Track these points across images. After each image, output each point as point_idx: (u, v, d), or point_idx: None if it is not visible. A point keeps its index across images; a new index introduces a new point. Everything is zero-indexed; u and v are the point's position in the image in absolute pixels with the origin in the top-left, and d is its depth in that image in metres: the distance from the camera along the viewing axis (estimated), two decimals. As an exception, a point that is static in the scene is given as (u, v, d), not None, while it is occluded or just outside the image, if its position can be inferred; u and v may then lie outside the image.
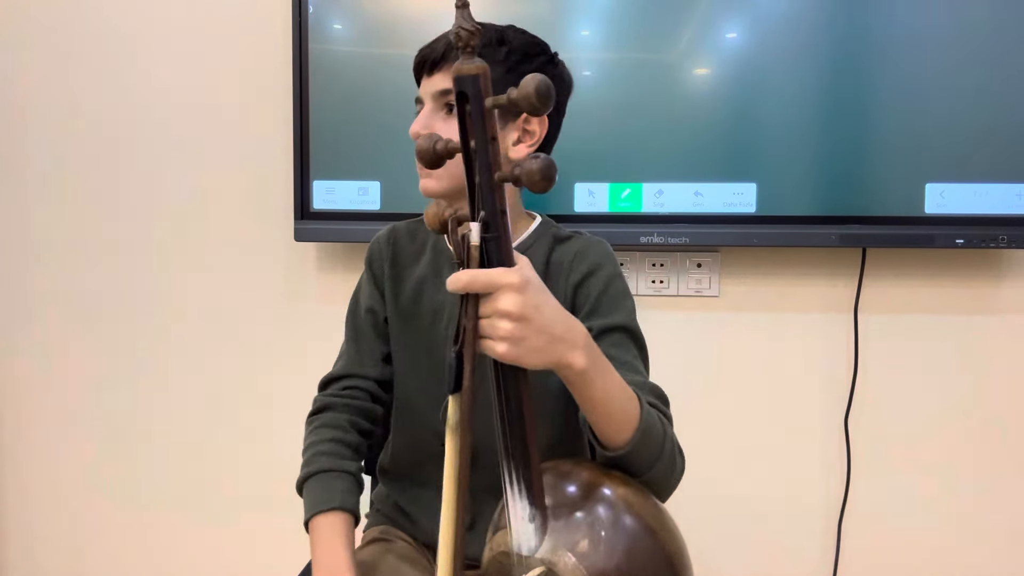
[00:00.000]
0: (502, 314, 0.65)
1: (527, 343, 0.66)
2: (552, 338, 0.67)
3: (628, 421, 0.75)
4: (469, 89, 0.61)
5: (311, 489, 0.96)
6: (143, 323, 1.72)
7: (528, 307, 0.65)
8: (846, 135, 1.42)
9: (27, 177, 1.73)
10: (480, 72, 0.61)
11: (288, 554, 1.70)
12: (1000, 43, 1.39)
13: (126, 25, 1.67)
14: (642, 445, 0.76)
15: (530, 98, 0.61)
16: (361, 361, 1.05)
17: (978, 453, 1.52)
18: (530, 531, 0.70)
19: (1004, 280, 1.50)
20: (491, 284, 0.65)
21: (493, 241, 0.65)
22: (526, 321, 0.65)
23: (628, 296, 0.95)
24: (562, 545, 0.69)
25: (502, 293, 0.65)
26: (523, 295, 0.65)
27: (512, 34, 0.95)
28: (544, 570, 0.68)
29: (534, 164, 0.61)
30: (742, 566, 1.58)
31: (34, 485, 1.79)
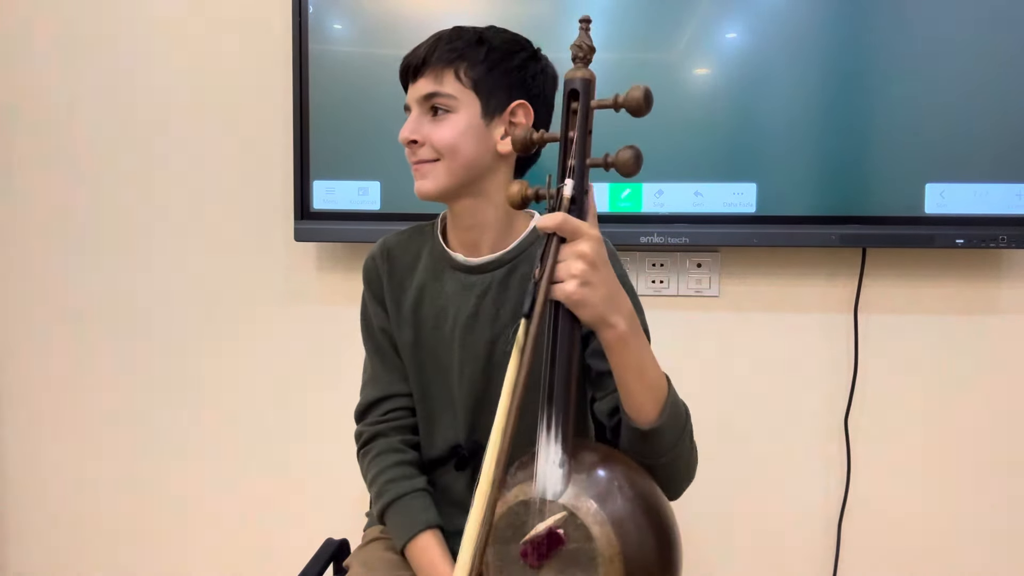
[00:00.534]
0: (579, 254, 0.73)
1: (590, 289, 0.74)
2: (608, 294, 0.75)
3: (658, 395, 0.81)
4: (580, 88, 0.76)
5: (393, 518, 1.00)
6: (143, 323, 1.72)
7: (600, 257, 0.74)
8: (846, 135, 1.42)
9: (27, 177, 1.73)
10: (591, 78, 0.77)
11: (288, 554, 1.70)
12: (1000, 43, 1.39)
13: (126, 25, 1.67)
14: (667, 425, 0.81)
15: (639, 101, 0.74)
16: (391, 380, 1.06)
17: (978, 453, 1.52)
18: (558, 476, 0.75)
19: (1004, 280, 1.50)
20: (577, 230, 0.74)
21: (575, 211, 0.76)
22: (595, 268, 0.74)
23: (632, 291, 0.96)
24: (585, 492, 0.74)
25: (583, 240, 0.74)
26: (600, 247, 0.75)
27: (491, 34, 0.97)
28: (566, 514, 0.73)
29: (626, 153, 0.74)
30: (742, 566, 1.58)
31: (34, 485, 1.79)
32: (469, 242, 1.00)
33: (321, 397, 1.67)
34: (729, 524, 1.58)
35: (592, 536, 0.72)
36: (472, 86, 0.93)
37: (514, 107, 0.95)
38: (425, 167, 0.95)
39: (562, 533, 0.73)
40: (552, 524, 0.73)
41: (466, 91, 0.93)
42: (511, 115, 0.95)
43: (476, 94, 0.93)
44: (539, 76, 0.98)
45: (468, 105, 0.93)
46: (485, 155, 0.95)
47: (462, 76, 0.93)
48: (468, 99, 0.93)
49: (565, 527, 0.73)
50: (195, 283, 1.70)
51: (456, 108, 0.93)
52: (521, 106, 0.96)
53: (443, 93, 0.93)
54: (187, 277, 1.70)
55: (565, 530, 0.73)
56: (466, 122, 0.93)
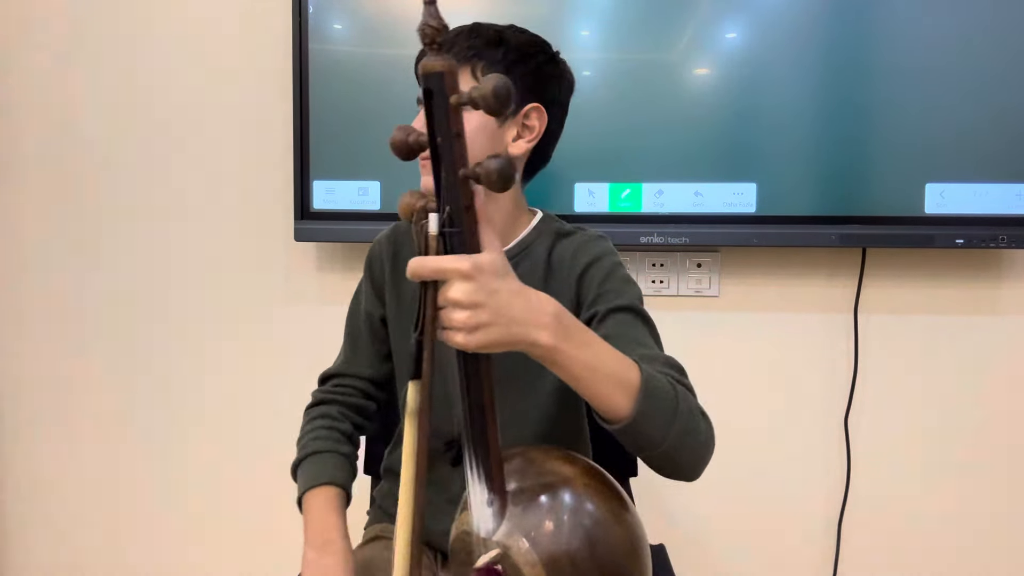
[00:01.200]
0: (452, 302, 0.65)
1: (482, 330, 0.66)
2: (510, 320, 0.67)
3: (625, 390, 0.73)
4: (434, 86, 0.62)
5: (304, 469, 0.99)
6: (143, 323, 1.72)
7: (479, 293, 0.65)
8: (846, 135, 1.42)
9: (26, 177, 1.73)
10: (445, 69, 0.62)
11: (288, 554, 1.70)
12: (1000, 43, 1.39)
13: (125, 25, 1.67)
14: (648, 412, 0.73)
15: (487, 98, 0.61)
16: (356, 361, 1.08)
17: (978, 453, 1.52)
18: (488, 515, 0.71)
19: (1004, 280, 1.50)
20: (438, 271, 0.65)
21: (456, 236, 0.65)
22: (478, 308, 0.65)
23: (632, 283, 0.94)
24: (518, 530, 0.69)
25: (452, 282, 0.65)
26: (473, 282, 0.65)
27: (510, 34, 0.96)
28: (499, 552, 0.69)
29: (492, 164, 0.61)
30: (742, 565, 1.58)
31: (34, 485, 1.79)
32: None
33: (321, 397, 1.67)
34: (729, 524, 1.58)
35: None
36: None
37: (528, 110, 0.94)
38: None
39: (500, 569, 0.70)
40: (488, 561, 0.70)
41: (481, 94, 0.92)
42: (524, 118, 0.94)
43: None
44: (556, 80, 0.97)
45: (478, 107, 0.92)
46: None
47: (478, 74, 0.92)
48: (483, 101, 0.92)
49: (503, 563, 0.70)
50: (195, 283, 1.70)
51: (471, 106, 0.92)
52: (535, 109, 0.95)
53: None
54: (187, 277, 1.70)
55: (503, 566, 0.70)
56: (478, 121, 0.90)
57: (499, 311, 0.66)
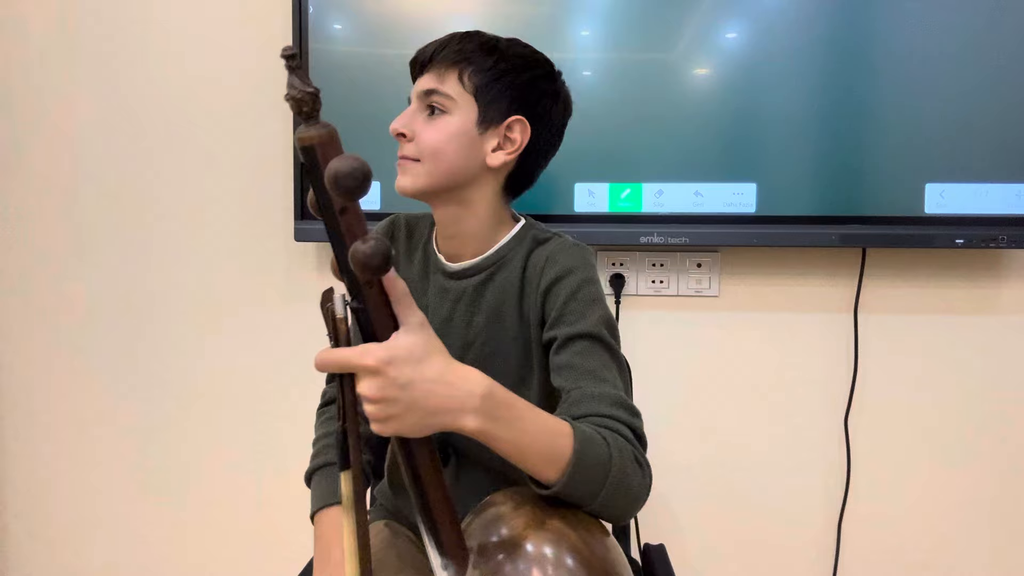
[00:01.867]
0: (364, 398, 0.64)
1: (396, 421, 0.65)
2: (427, 412, 0.65)
3: (554, 461, 0.73)
4: (309, 160, 0.53)
5: (318, 483, 0.98)
6: (143, 323, 1.72)
7: (390, 388, 0.63)
8: (846, 135, 1.42)
9: (27, 178, 1.73)
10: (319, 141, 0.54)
11: (289, 554, 1.70)
12: (1000, 43, 1.39)
13: (125, 25, 1.67)
14: (577, 481, 0.73)
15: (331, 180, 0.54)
16: None
17: (978, 453, 1.52)
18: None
19: (1004, 280, 1.50)
20: (344, 366, 0.64)
21: (362, 312, 0.62)
22: (388, 402, 0.64)
23: (599, 303, 0.90)
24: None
25: (360, 377, 0.64)
26: (381, 377, 0.63)
27: (507, 44, 0.94)
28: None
29: (361, 248, 0.56)
30: (742, 566, 1.58)
31: (34, 484, 1.79)
32: (451, 251, 1.00)
33: (321, 397, 1.67)
34: (729, 524, 1.58)
35: None
36: (473, 91, 0.91)
37: (511, 122, 0.93)
38: (407, 164, 0.93)
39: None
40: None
41: (466, 95, 0.91)
42: (507, 129, 0.93)
43: (476, 100, 0.91)
44: (547, 97, 0.95)
45: (465, 110, 0.91)
46: (472, 164, 0.93)
47: (465, 79, 0.91)
48: (466, 103, 0.91)
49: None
50: (195, 283, 1.70)
51: (452, 110, 0.91)
52: (519, 122, 0.93)
53: (442, 92, 0.91)
54: (187, 277, 1.70)
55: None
56: (458, 126, 0.91)
57: (413, 403, 0.64)
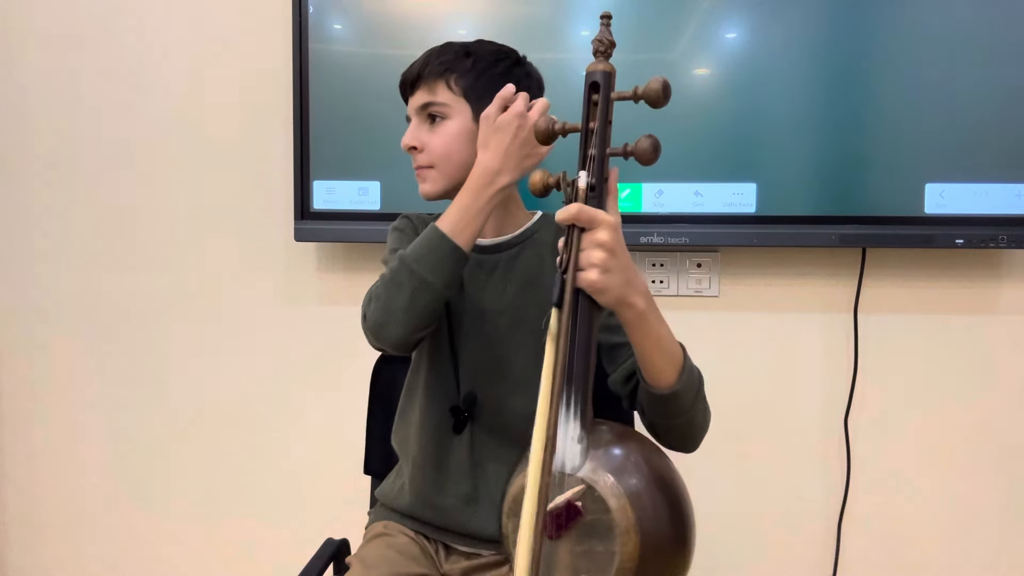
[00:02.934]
0: (598, 243, 0.76)
1: (610, 275, 0.77)
2: (627, 278, 0.79)
3: (675, 363, 0.87)
4: (601, 80, 0.79)
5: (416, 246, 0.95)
6: (143, 323, 1.72)
7: (618, 244, 0.77)
8: (846, 135, 1.42)
9: (27, 177, 1.73)
10: (611, 71, 0.79)
11: (289, 553, 1.70)
12: (1000, 43, 1.39)
13: (126, 25, 1.68)
14: (685, 386, 0.87)
15: (657, 92, 0.77)
16: None
17: (978, 453, 1.52)
18: (576, 451, 0.78)
19: (1004, 280, 1.50)
20: (594, 219, 0.77)
21: (594, 199, 0.79)
22: (614, 255, 0.77)
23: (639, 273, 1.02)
24: (602, 467, 0.77)
25: (601, 228, 0.77)
26: (616, 233, 0.77)
27: (477, 46, 1.04)
28: (584, 487, 0.76)
29: (646, 142, 0.77)
30: (742, 566, 1.58)
31: (34, 485, 1.79)
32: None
33: (321, 397, 1.67)
34: (729, 524, 1.58)
35: (609, 508, 0.75)
36: (463, 93, 1.00)
37: None
38: (424, 172, 1.03)
39: (580, 505, 0.76)
40: (571, 496, 0.76)
41: (457, 98, 1.00)
42: None
43: (467, 100, 1.00)
44: (524, 80, 1.03)
45: (460, 111, 1.00)
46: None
47: (452, 85, 1.00)
48: (460, 106, 1.00)
49: (583, 500, 0.76)
50: (195, 283, 1.70)
51: (450, 114, 1.01)
52: None
53: (437, 102, 1.00)
54: (187, 277, 1.70)
55: (583, 502, 0.76)
56: (459, 127, 1.00)
57: (626, 265, 0.79)
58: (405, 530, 1.08)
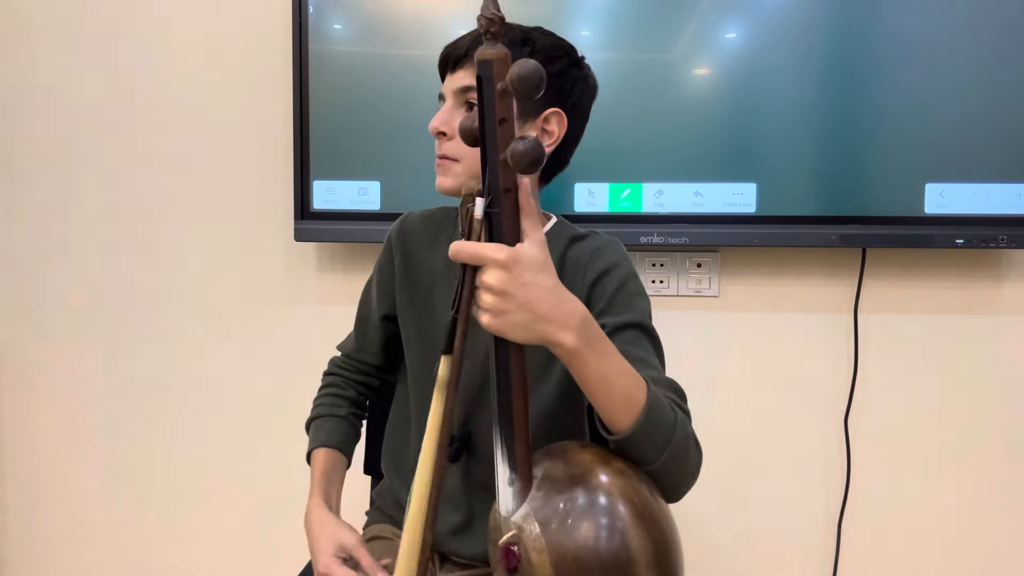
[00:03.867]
0: (485, 287, 0.69)
1: (507, 317, 0.69)
2: (536, 316, 0.69)
3: (631, 406, 0.75)
4: (484, 73, 0.65)
5: (317, 428, 1.12)
6: (143, 323, 1.72)
7: (511, 283, 0.68)
8: (846, 135, 1.42)
9: (27, 177, 1.73)
10: (495, 57, 0.64)
11: (288, 554, 1.70)
12: (1000, 43, 1.39)
13: (126, 25, 1.68)
14: (646, 433, 0.75)
15: (514, 81, 0.63)
16: (360, 348, 1.15)
17: (978, 453, 1.52)
18: (509, 494, 0.73)
19: (1004, 280, 1.50)
20: (476, 257, 0.69)
21: (496, 216, 0.68)
22: (507, 296, 0.68)
23: (643, 296, 0.95)
24: (533, 515, 0.71)
25: (487, 267, 0.69)
26: (507, 271, 0.68)
27: (538, 35, 0.95)
28: (514, 533, 0.71)
29: (519, 145, 0.64)
30: (742, 566, 1.58)
31: (34, 485, 1.79)
32: None
33: (321, 397, 1.67)
34: (729, 524, 1.58)
35: (531, 561, 0.70)
36: None
37: (548, 114, 0.94)
38: (447, 164, 0.95)
39: (516, 551, 0.71)
40: (506, 541, 0.72)
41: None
42: (544, 122, 0.94)
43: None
44: (579, 84, 0.96)
45: None
46: None
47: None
48: None
49: (518, 545, 0.71)
50: (195, 283, 1.70)
51: None
52: (556, 114, 0.94)
53: None
54: (187, 277, 1.70)
55: (518, 548, 0.71)
56: None
57: (526, 304, 0.69)
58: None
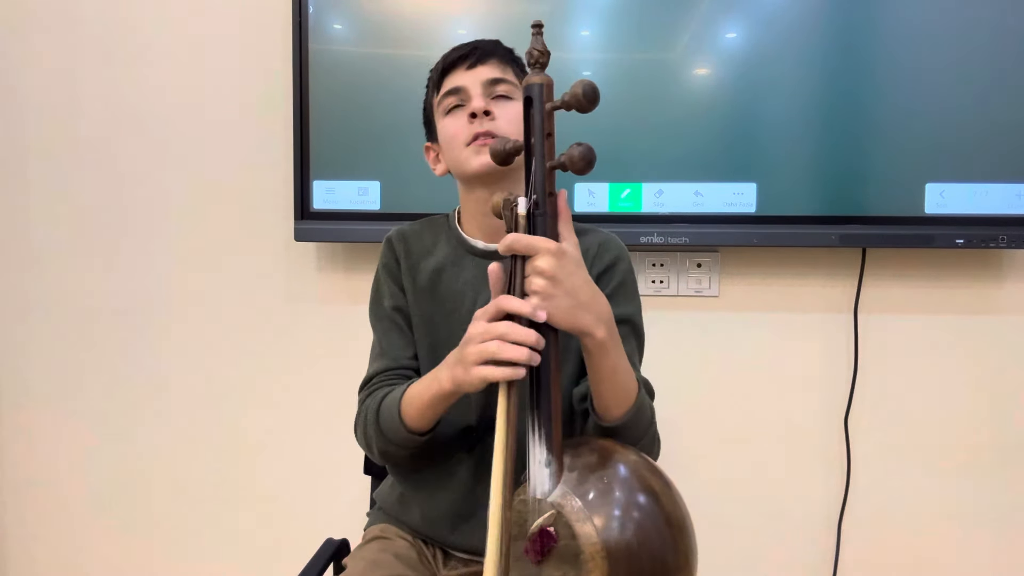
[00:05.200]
0: (537, 271, 0.77)
1: (555, 301, 0.77)
2: (577, 303, 0.78)
3: (627, 397, 0.86)
4: (535, 95, 0.77)
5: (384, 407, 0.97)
6: (143, 323, 1.72)
7: (559, 270, 0.77)
8: (846, 135, 1.42)
9: (27, 177, 1.73)
10: (544, 82, 0.78)
11: (288, 554, 1.70)
12: (1000, 43, 1.39)
13: (126, 25, 1.67)
14: (634, 422, 0.86)
15: (578, 97, 0.74)
16: (396, 356, 1.05)
17: (978, 453, 1.52)
18: (545, 476, 0.77)
19: (1004, 280, 1.50)
20: (530, 247, 0.77)
21: (541, 217, 0.78)
22: (556, 281, 0.76)
23: (638, 293, 1.03)
24: (572, 491, 0.76)
25: (539, 255, 0.77)
26: (557, 259, 0.77)
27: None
28: (555, 513, 0.75)
29: (576, 151, 0.75)
30: (742, 566, 1.58)
31: (34, 485, 1.79)
32: (490, 227, 1.03)
33: (321, 397, 1.67)
34: (729, 524, 1.58)
35: (576, 534, 0.73)
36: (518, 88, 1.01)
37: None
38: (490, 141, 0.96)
39: (553, 531, 0.75)
40: (543, 523, 0.75)
41: (518, 89, 1.00)
42: None
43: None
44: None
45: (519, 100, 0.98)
46: None
47: (515, 77, 1.01)
48: (519, 95, 0.99)
49: (555, 525, 0.75)
50: (195, 283, 1.70)
51: (516, 97, 1.00)
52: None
53: (508, 80, 1.00)
54: (187, 277, 1.70)
55: (555, 528, 0.75)
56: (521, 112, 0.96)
57: (571, 291, 0.78)
58: (403, 534, 1.07)
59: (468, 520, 1.01)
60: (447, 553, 1.05)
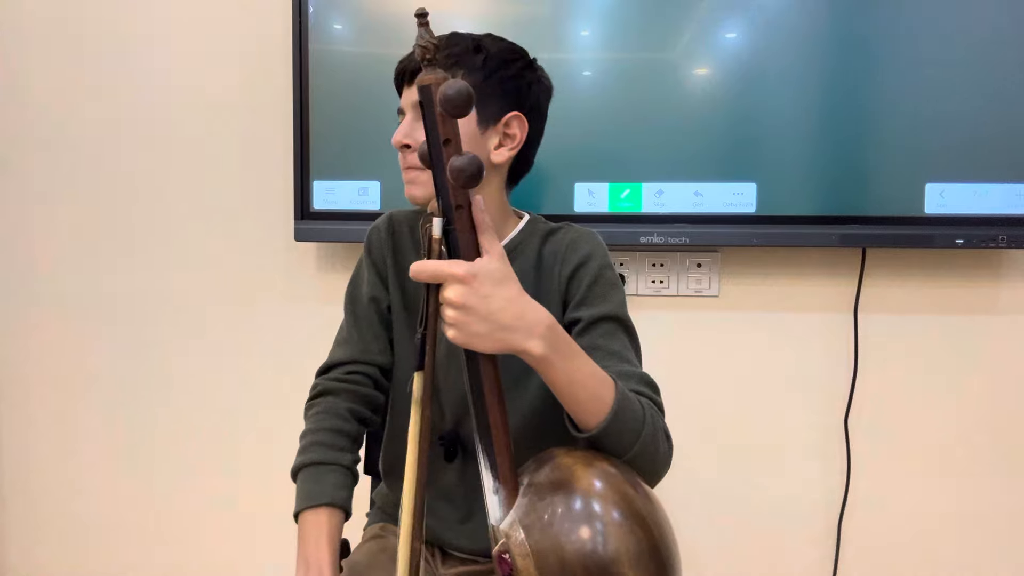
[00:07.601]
0: (447, 302, 0.72)
1: (469, 329, 0.72)
2: (499, 326, 0.72)
3: (599, 405, 0.78)
4: (425, 97, 0.69)
5: (304, 481, 0.95)
6: (143, 323, 1.72)
7: (470, 297, 0.71)
8: (846, 135, 1.42)
9: (27, 177, 1.73)
10: (434, 82, 0.69)
11: (288, 553, 1.70)
12: (1000, 43, 1.39)
13: (126, 25, 1.67)
14: (614, 429, 0.78)
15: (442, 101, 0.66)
16: (365, 348, 1.02)
17: (978, 453, 1.52)
18: (495, 502, 0.75)
19: (1004, 280, 1.50)
20: (436, 275, 0.72)
21: (452, 233, 0.72)
22: (466, 309, 0.71)
23: (618, 287, 0.95)
24: (518, 521, 0.73)
25: (446, 283, 0.72)
26: (467, 285, 0.71)
27: (489, 42, 0.95)
28: (504, 542, 0.73)
29: (456, 162, 0.67)
30: (742, 566, 1.58)
31: (34, 484, 1.79)
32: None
33: (321, 397, 1.67)
34: (729, 524, 1.58)
35: (519, 568, 0.71)
36: None
37: (509, 118, 0.94)
38: (415, 174, 0.94)
39: (507, 558, 0.72)
40: (499, 549, 0.73)
41: None
42: (505, 126, 0.94)
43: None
44: (535, 86, 0.97)
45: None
46: None
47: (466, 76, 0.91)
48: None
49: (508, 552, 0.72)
50: (195, 283, 1.70)
51: None
52: (516, 117, 0.95)
53: None
54: (187, 276, 1.70)
55: (509, 556, 0.72)
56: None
57: (488, 316, 0.72)
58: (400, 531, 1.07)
59: (466, 522, 1.00)
60: (446, 553, 1.04)
